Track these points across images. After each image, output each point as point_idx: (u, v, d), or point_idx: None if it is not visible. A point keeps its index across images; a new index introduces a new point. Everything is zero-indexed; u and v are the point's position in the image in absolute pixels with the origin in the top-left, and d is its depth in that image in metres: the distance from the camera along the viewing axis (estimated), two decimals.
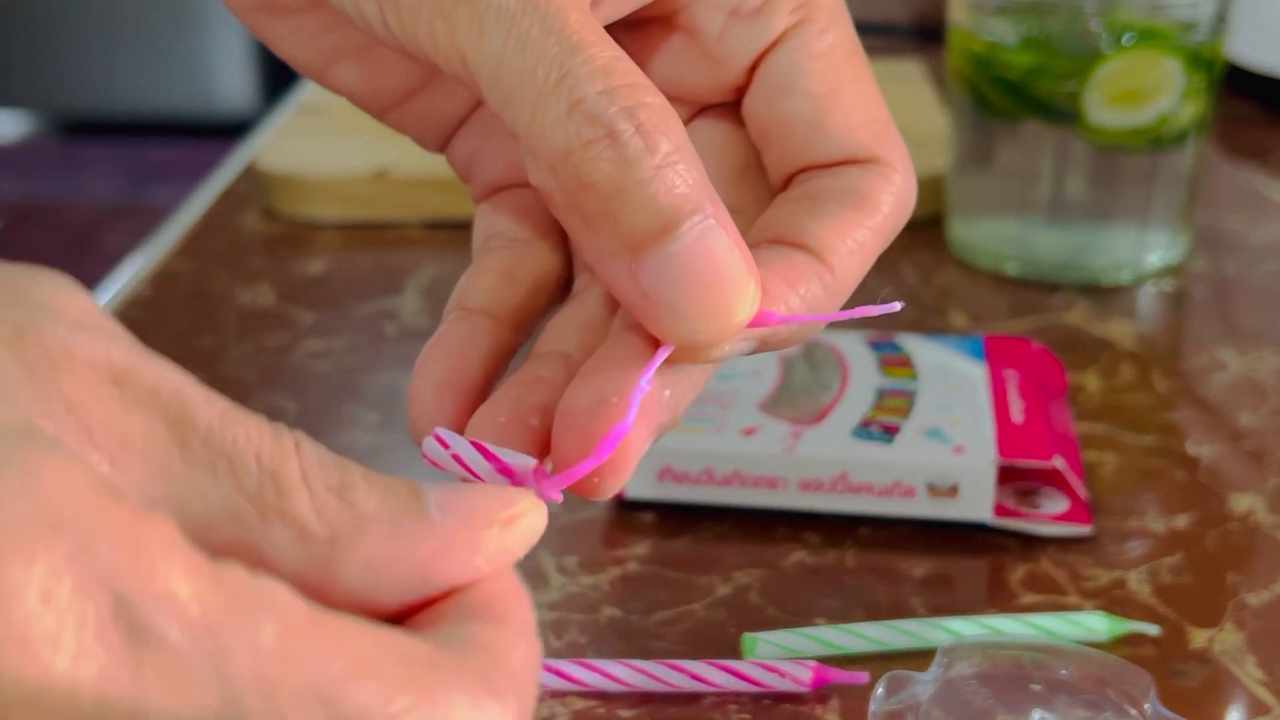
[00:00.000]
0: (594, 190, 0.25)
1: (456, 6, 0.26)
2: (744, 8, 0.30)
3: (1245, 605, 0.41)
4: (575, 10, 0.26)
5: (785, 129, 0.30)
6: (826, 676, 0.38)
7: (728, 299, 0.25)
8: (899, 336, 0.51)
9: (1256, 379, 0.53)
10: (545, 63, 0.25)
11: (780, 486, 0.45)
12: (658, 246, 0.25)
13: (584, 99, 0.25)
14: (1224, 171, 0.74)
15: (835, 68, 0.30)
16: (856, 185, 0.29)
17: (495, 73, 0.26)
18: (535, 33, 0.25)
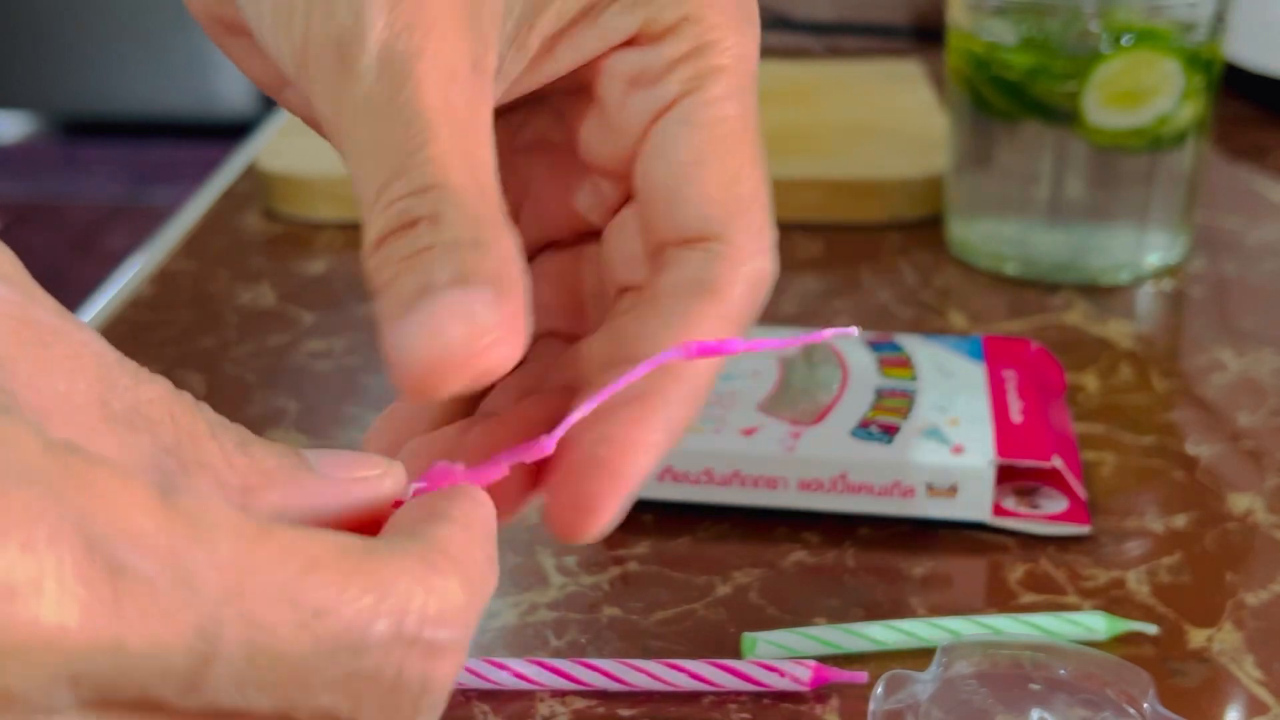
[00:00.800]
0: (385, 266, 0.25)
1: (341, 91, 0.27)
2: (643, 76, 0.30)
3: (1244, 605, 0.41)
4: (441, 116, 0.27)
5: (648, 195, 0.30)
6: (826, 676, 0.38)
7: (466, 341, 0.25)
8: (898, 337, 0.51)
9: (1255, 379, 0.53)
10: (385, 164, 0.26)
11: (780, 486, 0.45)
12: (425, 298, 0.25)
13: (400, 197, 0.26)
14: (1223, 172, 0.74)
15: (710, 139, 0.30)
16: (701, 274, 0.28)
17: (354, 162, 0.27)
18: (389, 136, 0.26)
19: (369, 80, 0.27)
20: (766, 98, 0.88)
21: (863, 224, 0.68)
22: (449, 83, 0.27)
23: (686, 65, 0.30)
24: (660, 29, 0.30)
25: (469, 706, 0.38)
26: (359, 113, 0.27)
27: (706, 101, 0.30)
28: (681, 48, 0.30)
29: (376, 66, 0.27)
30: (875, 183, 0.68)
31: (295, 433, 0.51)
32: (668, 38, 0.30)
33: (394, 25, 0.27)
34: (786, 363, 0.49)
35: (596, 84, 0.31)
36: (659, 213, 0.29)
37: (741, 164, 0.30)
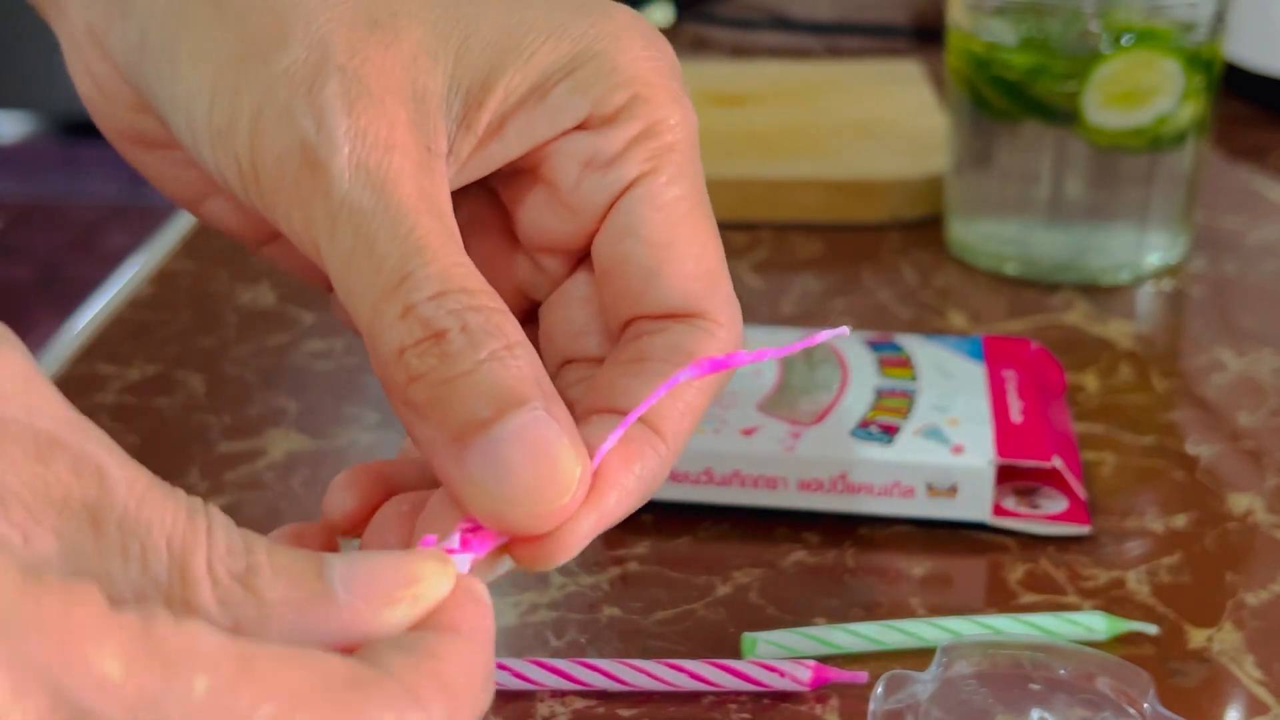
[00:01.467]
0: (422, 381, 0.26)
1: (313, 198, 0.27)
2: (597, 158, 0.30)
3: (1244, 605, 0.41)
4: (425, 212, 0.27)
5: (622, 272, 0.30)
6: (826, 676, 0.38)
7: (554, 482, 0.26)
8: (898, 337, 0.51)
9: (1255, 379, 0.53)
10: (388, 267, 0.27)
11: (780, 486, 0.45)
12: (483, 434, 0.26)
13: (416, 304, 0.26)
14: (1223, 172, 0.74)
15: (676, 219, 0.30)
16: (684, 344, 0.29)
17: (343, 269, 0.27)
18: (382, 235, 0.27)
19: (345, 184, 0.27)
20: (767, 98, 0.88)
21: (863, 224, 0.68)
22: (418, 172, 0.28)
23: (641, 146, 0.30)
24: (611, 110, 0.30)
25: None
26: (338, 218, 0.27)
27: (667, 182, 0.30)
28: (633, 128, 0.30)
29: (350, 168, 0.27)
30: (875, 183, 0.68)
31: (295, 432, 0.51)
32: (618, 119, 0.30)
33: (359, 123, 0.27)
34: (786, 363, 0.49)
35: (546, 167, 0.31)
36: (634, 290, 0.30)
37: (705, 239, 0.31)
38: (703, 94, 0.80)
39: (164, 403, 0.53)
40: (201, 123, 0.29)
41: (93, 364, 0.56)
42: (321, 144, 0.27)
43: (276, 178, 0.28)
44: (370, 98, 0.28)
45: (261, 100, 0.28)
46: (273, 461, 0.49)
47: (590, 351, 0.32)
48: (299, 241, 0.28)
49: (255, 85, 0.28)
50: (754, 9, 1.04)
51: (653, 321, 0.30)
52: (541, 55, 0.30)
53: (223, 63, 0.28)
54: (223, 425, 0.52)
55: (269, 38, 0.28)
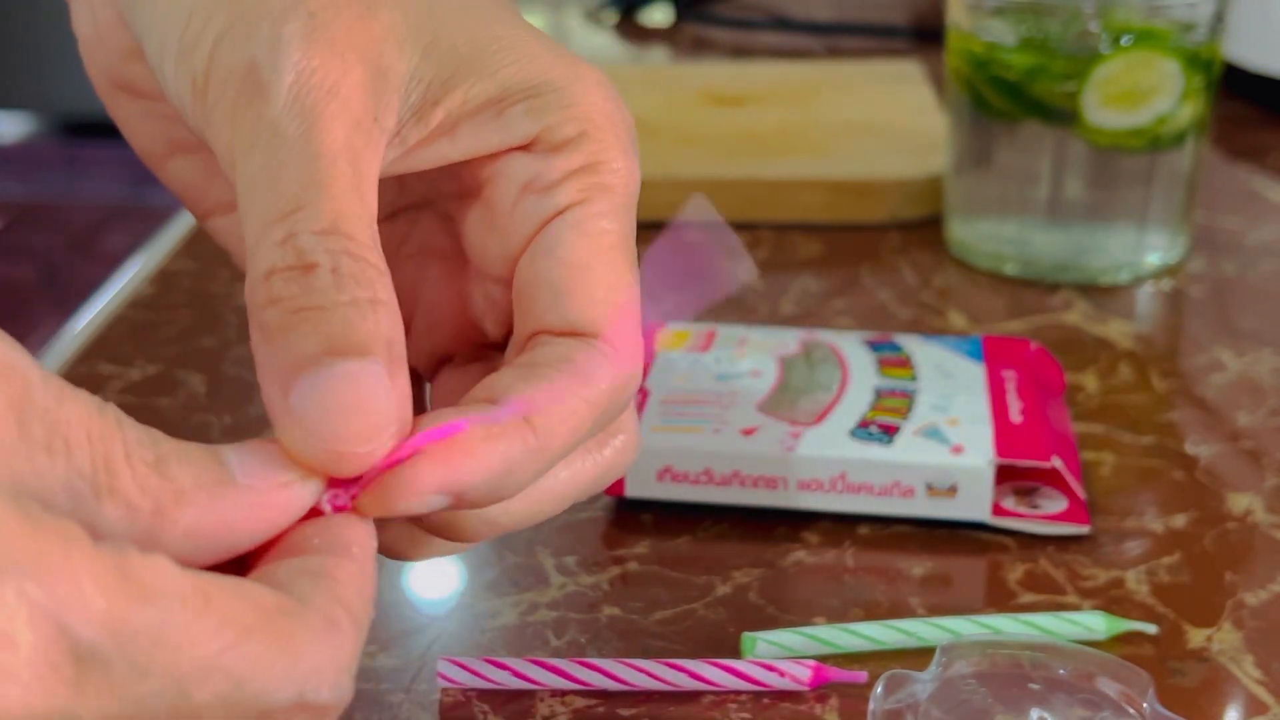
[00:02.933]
0: (278, 306, 0.26)
1: (245, 116, 0.28)
2: (536, 182, 0.31)
3: (1243, 605, 0.41)
4: (342, 160, 0.28)
5: (534, 288, 0.31)
6: (826, 675, 0.38)
7: (363, 427, 0.26)
8: (898, 337, 0.51)
9: (1254, 379, 0.54)
10: (286, 193, 0.27)
11: (779, 486, 0.45)
12: (314, 369, 0.26)
13: (298, 233, 0.27)
14: (1222, 172, 0.74)
15: (597, 249, 0.31)
16: (577, 356, 0.29)
17: (248, 187, 0.28)
18: (293, 164, 0.27)
19: (277, 107, 0.28)
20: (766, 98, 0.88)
21: (862, 224, 0.68)
22: (353, 128, 0.28)
23: (579, 178, 0.31)
24: (558, 140, 0.31)
25: (469, 706, 0.38)
26: (259, 137, 0.28)
27: (595, 214, 0.31)
28: (575, 161, 0.31)
29: (287, 95, 0.28)
30: (875, 183, 0.68)
31: None
32: (564, 150, 0.31)
33: (309, 61, 0.28)
34: (786, 363, 0.49)
35: (488, 186, 0.32)
36: (541, 304, 0.30)
37: (622, 277, 0.31)
38: (703, 94, 0.80)
39: (164, 403, 0.53)
40: (172, 41, 0.30)
41: (93, 364, 0.56)
42: (266, 67, 0.28)
43: (220, 92, 0.28)
44: (331, 46, 0.28)
45: (230, 23, 0.29)
46: None
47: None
48: (221, 160, 0.29)
49: (228, 9, 0.29)
50: (754, 9, 1.04)
51: (552, 336, 0.30)
52: (506, 73, 0.31)
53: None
54: (223, 425, 0.52)
55: None
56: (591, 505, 0.46)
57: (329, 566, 0.25)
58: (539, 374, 0.29)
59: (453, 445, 0.27)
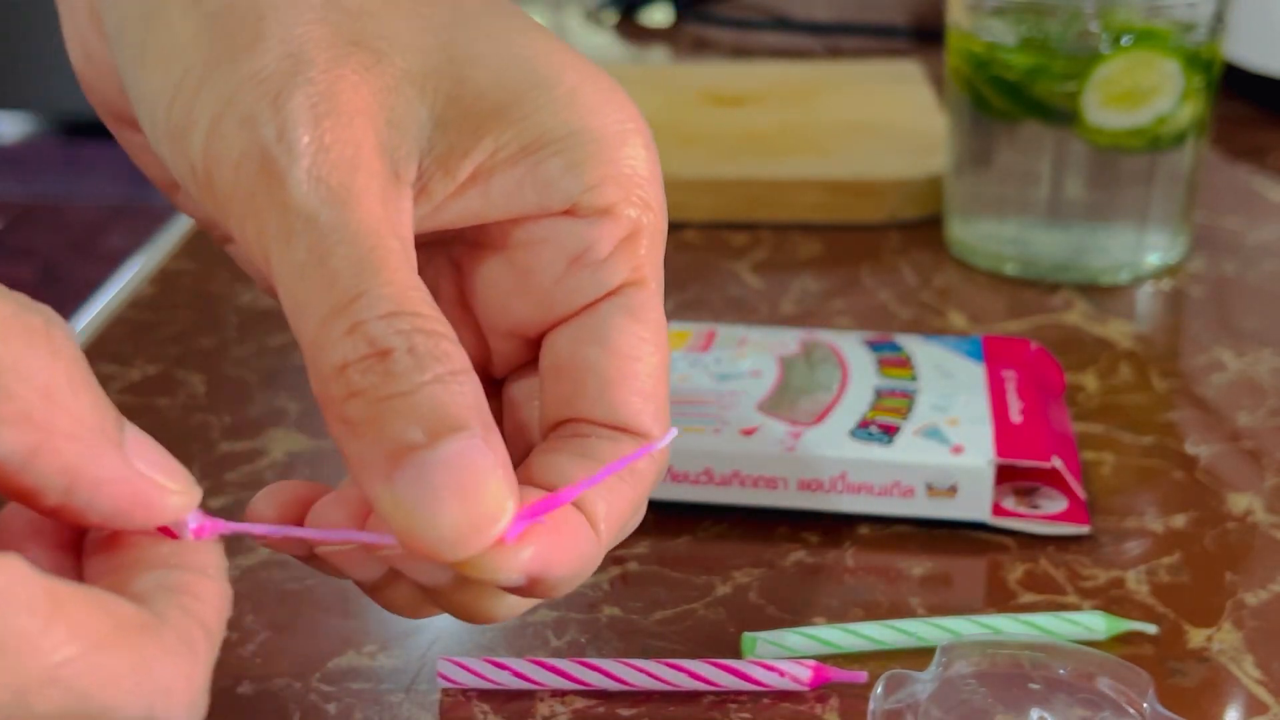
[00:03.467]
0: (361, 398, 0.26)
1: (268, 208, 0.27)
2: (587, 257, 0.30)
3: (1243, 605, 0.41)
4: (385, 233, 0.27)
5: (579, 375, 0.30)
6: (826, 675, 0.38)
7: (480, 512, 0.25)
8: (898, 337, 0.51)
9: (1255, 379, 0.54)
10: (342, 284, 0.26)
11: (780, 486, 0.45)
12: (415, 455, 0.25)
13: (366, 321, 0.26)
14: (1222, 172, 0.74)
15: (649, 335, 0.30)
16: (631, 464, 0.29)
17: (294, 281, 0.27)
18: (339, 251, 0.26)
19: (301, 194, 0.26)
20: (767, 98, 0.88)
21: (862, 224, 0.68)
22: (383, 196, 0.27)
23: (627, 253, 0.30)
24: (603, 205, 0.30)
25: (469, 706, 0.38)
26: (292, 229, 0.26)
27: (649, 295, 0.30)
28: (621, 228, 0.30)
29: (309, 180, 0.26)
30: (875, 183, 0.68)
31: (295, 433, 0.51)
32: (609, 216, 0.30)
33: (322, 140, 0.27)
34: (786, 363, 0.49)
35: (523, 250, 0.30)
36: (587, 393, 0.30)
37: (664, 356, 0.31)
38: (703, 94, 0.80)
39: (164, 403, 0.53)
40: (161, 122, 0.28)
41: (93, 364, 0.56)
42: (281, 154, 0.27)
43: (231, 184, 0.27)
44: (338, 115, 0.27)
45: (224, 105, 0.27)
46: (273, 461, 0.49)
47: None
48: (249, 250, 0.28)
49: (219, 88, 0.27)
50: (754, 9, 1.04)
51: (594, 426, 0.30)
52: (539, 118, 0.29)
53: (189, 64, 0.28)
54: (223, 425, 0.52)
55: (240, 41, 0.28)
56: None
57: (189, 583, 0.25)
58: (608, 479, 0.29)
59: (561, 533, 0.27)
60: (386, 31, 0.28)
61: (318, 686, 0.39)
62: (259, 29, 0.28)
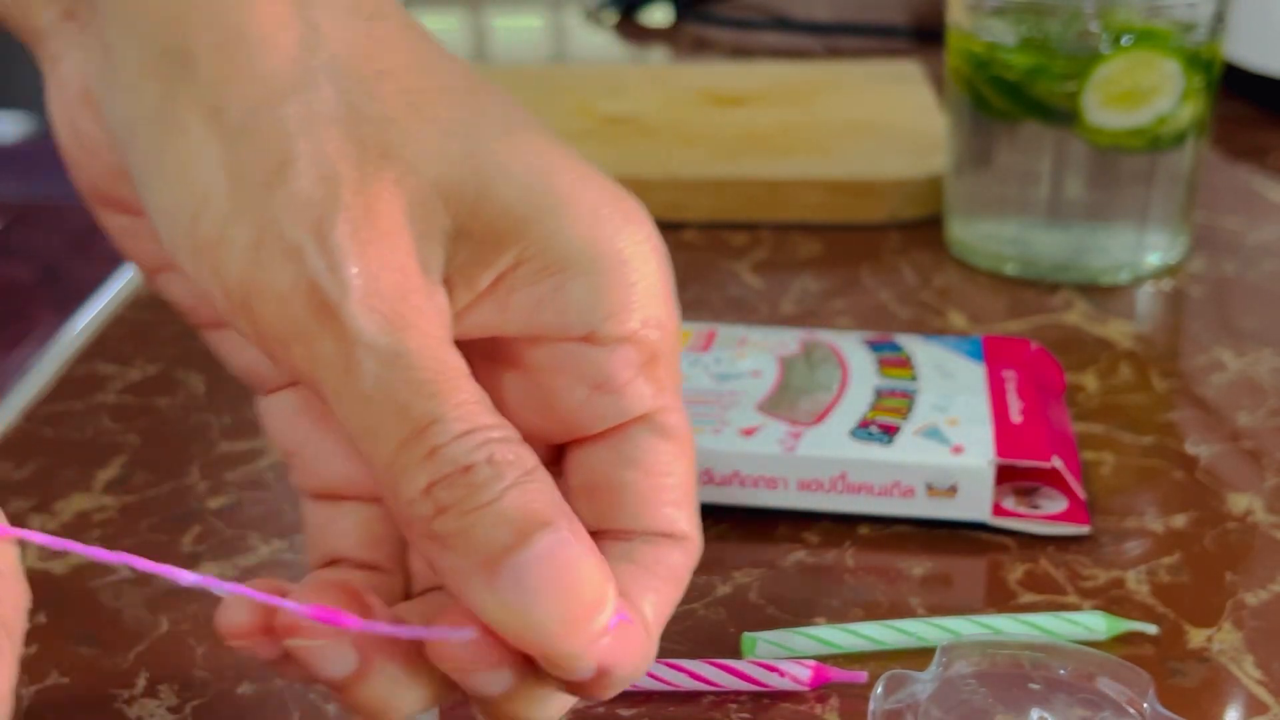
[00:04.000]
0: (449, 513, 0.26)
1: (321, 338, 0.27)
2: (609, 384, 0.30)
3: (1244, 605, 0.41)
4: (443, 356, 0.27)
5: (614, 495, 0.31)
6: (826, 675, 0.38)
7: (585, 605, 0.26)
8: (898, 337, 0.51)
9: (1255, 379, 0.54)
10: (413, 413, 0.26)
11: (780, 486, 0.45)
12: (511, 557, 0.26)
13: (444, 445, 0.26)
14: (1222, 172, 0.74)
15: (677, 450, 0.31)
16: (669, 559, 0.31)
17: (361, 411, 0.27)
18: (404, 381, 0.27)
19: (359, 324, 0.26)
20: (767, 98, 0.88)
21: (862, 224, 0.68)
22: (435, 315, 0.27)
23: (650, 374, 0.30)
24: (623, 334, 0.30)
25: (468, 707, 0.38)
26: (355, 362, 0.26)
27: (670, 412, 0.31)
28: (641, 355, 0.30)
29: (364, 311, 0.26)
30: (875, 183, 0.68)
31: None
32: (629, 342, 0.30)
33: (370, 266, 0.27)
34: (786, 363, 0.49)
35: (541, 372, 0.30)
36: (626, 510, 0.30)
37: (692, 461, 0.32)
38: (703, 94, 0.80)
39: (164, 403, 0.53)
40: (184, 234, 0.27)
41: (93, 364, 0.56)
42: (334, 287, 0.26)
43: (277, 314, 0.27)
44: (382, 239, 0.27)
45: (261, 230, 0.27)
46: (273, 462, 0.49)
47: None
48: (297, 375, 0.27)
49: (253, 211, 0.27)
50: (754, 9, 1.04)
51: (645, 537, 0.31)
52: (563, 237, 0.29)
53: (214, 179, 0.27)
54: (223, 425, 0.52)
55: (269, 160, 0.27)
56: None
57: None
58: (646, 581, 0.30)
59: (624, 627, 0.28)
60: (412, 140, 0.28)
61: (318, 687, 0.38)
62: (288, 150, 0.27)
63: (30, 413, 0.53)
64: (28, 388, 0.54)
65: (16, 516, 0.46)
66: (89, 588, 0.43)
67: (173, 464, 0.49)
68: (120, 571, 0.43)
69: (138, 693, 0.38)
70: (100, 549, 0.27)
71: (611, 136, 0.72)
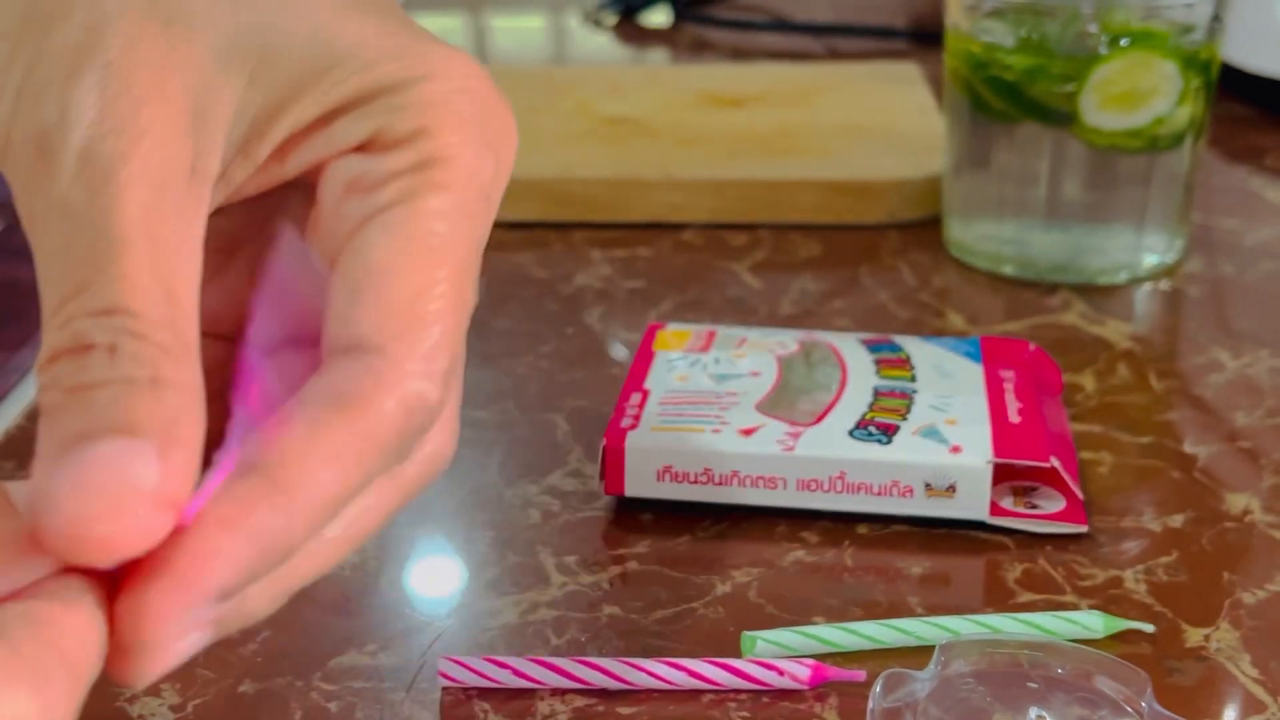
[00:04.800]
0: (55, 389, 0.24)
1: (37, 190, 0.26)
2: (360, 182, 0.28)
3: (1241, 604, 0.41)
4: (136, 230, 0.25)
5: (331, 297, 0.27)
6: (825, 674, 0.38)
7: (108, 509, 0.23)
8: (896, 337, 0.52)
9: (1252, 379, 0.54)
10: (74, 276, 0.25)
11: (779, 486, 0.45)
12: (78, 448, 0.23)
13: (76, 317, 0.24)
14: (1220, 173, 0.74)
15: (408, 250, 0.27)
16: (345, 386, 0.26)
17: (42, 267, 0.25)
18: (82, 242, 0.25)
19: (65, 181, 0.25)
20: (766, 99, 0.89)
21: (861, 224, 0.68)
22: (156, 193, 0.25)
23: (406, 177, 0.28)
24: (391, 139, 0.28)
25: (469, 705, 0.38)
26: (51, 214, 0.25)
27: (415, 213, 0.27)
28: (406, 159, 0.28)
29: (75, 167, 0.25)
30: (874, 183, 0.68)
31: None
32: (396, 149, 0.28)
33: (101, 125, 0.25)
34: (785, 363, 0.49)
35: (317, 186, 0.29)
36: (333, 314, 0.27)
37: (435, 282, 0.27)
38: (702, 95, 0.80)
39: None
40: None
41: None
42: (56, 136, 0.25)
43: (17, 160, 0.26)
44: (129, 99, 0.26)
45: (26, 74, 0.26)
46: None
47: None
48: (27, 233, 0.26)
49: (26, 56, 0.26)
50: (753, 10, 1.04)
51: (333, 357, 0.27)
52: (340, 91, 0.28)
53: (5, 29, 0.27)
54: None
55: (56, 7, 0.26)
56: (592, 504, 0.46)
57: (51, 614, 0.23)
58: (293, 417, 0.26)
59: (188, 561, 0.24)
60: (200, 7, 0.27)
61: (319, 685, 0.39)
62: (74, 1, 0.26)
63: (32, 413, 0.53)
64: (28, 388, 0.54)
65: None
66: None
67: None
68: None
69: (140, 691, 0.38)
70: None
71: (611, 137, 0.72)
